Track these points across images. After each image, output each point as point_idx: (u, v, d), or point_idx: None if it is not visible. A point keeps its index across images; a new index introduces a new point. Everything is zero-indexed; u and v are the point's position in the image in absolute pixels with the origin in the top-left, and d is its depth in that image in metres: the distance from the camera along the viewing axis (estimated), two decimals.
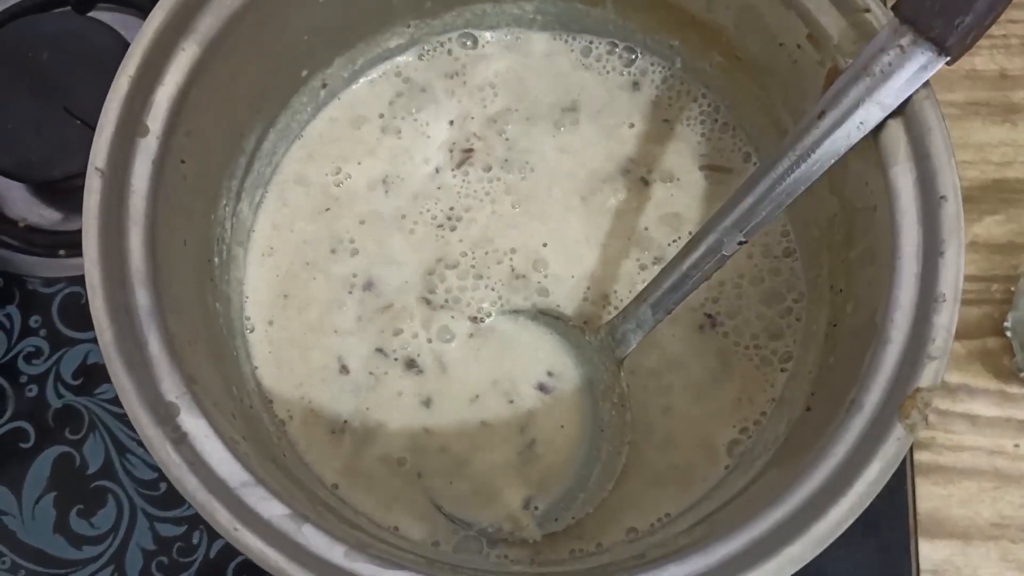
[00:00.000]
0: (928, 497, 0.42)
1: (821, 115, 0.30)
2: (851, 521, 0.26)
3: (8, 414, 0.43)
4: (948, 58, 0.29)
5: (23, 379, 0.44)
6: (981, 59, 0.48)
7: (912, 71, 0.29)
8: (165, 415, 0.27)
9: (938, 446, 0.43)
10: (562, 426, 0.37)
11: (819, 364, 0.34)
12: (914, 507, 0.42)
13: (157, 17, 0.30)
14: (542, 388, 0.37)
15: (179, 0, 0.31)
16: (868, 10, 0.31)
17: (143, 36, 0.30)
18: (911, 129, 0.30)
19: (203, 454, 0.27)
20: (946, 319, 0.28)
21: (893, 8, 0.29)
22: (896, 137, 0.30)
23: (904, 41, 0.29)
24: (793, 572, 0.26)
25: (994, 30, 0.49)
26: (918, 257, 0.29)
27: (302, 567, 0.26)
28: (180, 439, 0.27)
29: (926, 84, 0.31)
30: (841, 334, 0.33)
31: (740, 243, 0.32)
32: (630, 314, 0.35)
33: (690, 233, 0.38)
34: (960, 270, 0.28)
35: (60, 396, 0.44)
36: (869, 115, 0.30)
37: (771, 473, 0.31)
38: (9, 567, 0.42)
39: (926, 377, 0.28)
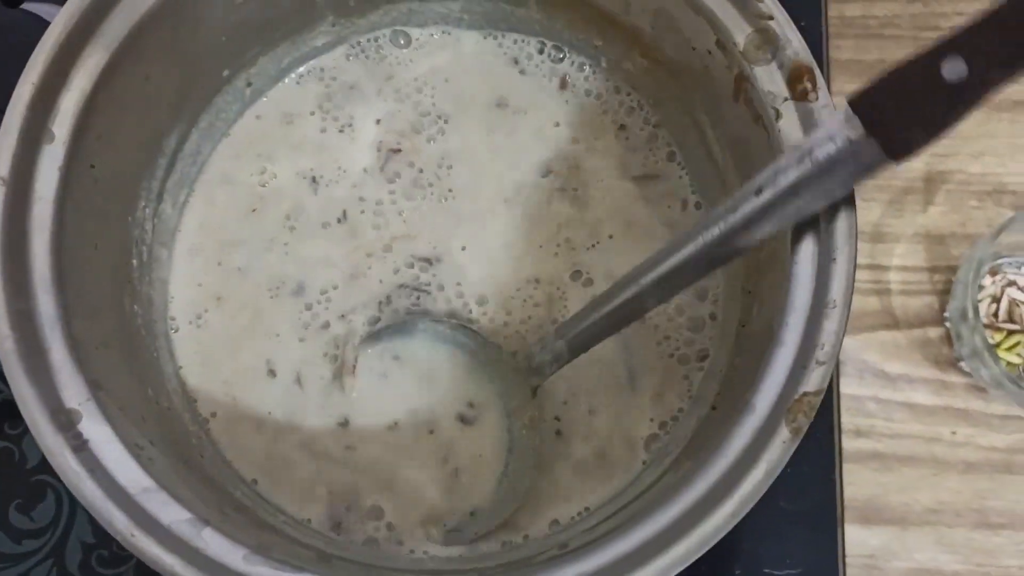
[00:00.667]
0: (867, 484, 0.43)
1: (759, 191, 0.28)
2: (736, 520, 0.27)
3: None
4: (895, 162, 0.27)
5: None
6: None
7: (857, 167, 0.27)
8: (66, 422, 0.28)
9: (877, 434, 0.44)
10: (481, 455, 0.37)
11: (728, 364, 0.35)
12: (842, 495, 0.43)
13: (60, 23, 0.30)
14: (463, 419, 0.37)
15: (84, 5, 0.31)
16: (772, 18, 0.31)
17: (45, 43, 0.30)
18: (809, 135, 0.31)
19: (104, 460, 0.27)
20: (835, 325, 0.29)
21: (850, 100, 0.27)
22: (796, 144, 0.31)
23: (854, 135, 0.26)
24: (679, 570, 0.27)
25: (941, 22, 0.50)
26: (813, 263, 0.30)
27: (199, 571, 0.26)
28: (81, 446, 0.27)
29: (825, 86, 0.31)
30: (748, 335, 0.34)
31: (659, 302, 0.32)
32: (547, 346, 0.35)
33: (610, 238, 0.38)
34: (851, 278, 0.29)
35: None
36: (809, 204, 0.28)
37: (673, 471, 0.32)
38: None
39: (813, 381, 0.28)
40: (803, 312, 0.29)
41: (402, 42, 0.42)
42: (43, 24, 0.45)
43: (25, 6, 0.47)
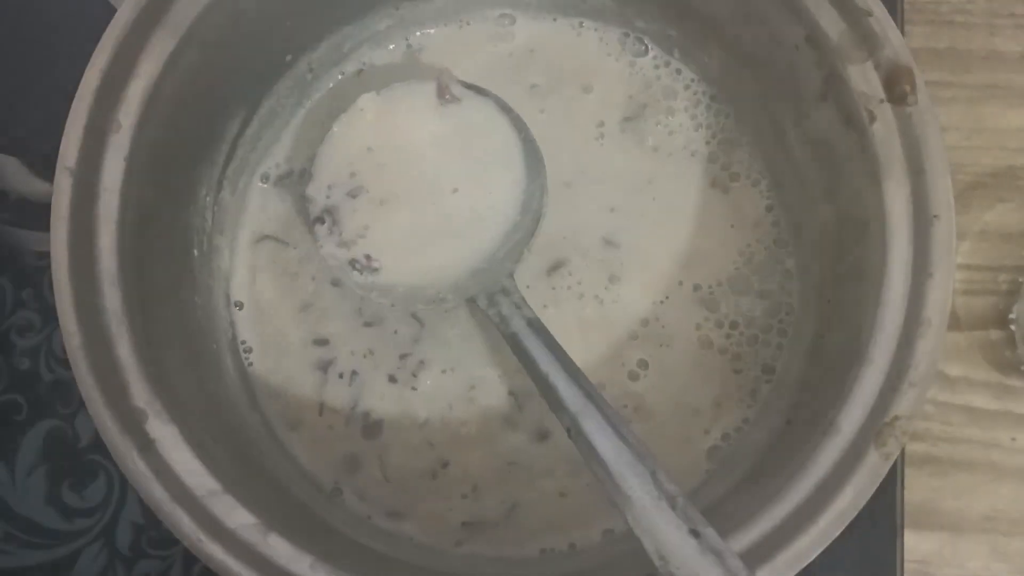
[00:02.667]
0: (921, 488, 0.42)
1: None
2: (815, 554, 0.26)
3: (1, 386, 0.44)
4: None
5: (16, 352, 0.44)
6: (1002, 40, 0.47)
7: None
8: (133, 422, 0.27)
9: (934, 437, 0.43)
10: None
11: (804, 375, 0.34)
12: (902, 500, 0.42)
13: (128, 8, 0.30)
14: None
15: None
16: (871, 14, 0.30)
17: (113, 29, 0.29)
18: (907, 141, 0.29)
19: (170, 461, 0.27)
20: (930, 345, 0.27)
21: None
22: (891, 149, 0.29)
23: None
24: None
25: (1017, 9, 0.48)
26: (906, 278, 0.28)
27: None
28: (147, 446, 0.27)
29: (925, 89, 0.29)
30: (826, 348, 0.32)
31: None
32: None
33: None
34: (949, 294, 0.27)
35: (52, 370, 0.44)
36: None
37: (748, 488, 0.31)
38: (2, 537, 0.42)
39: (905, 405, 0.27)
40: (895, 330, 0.28)
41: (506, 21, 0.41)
42: (109, 8, 0.45)
43: None
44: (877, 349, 0.28)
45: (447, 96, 0.36)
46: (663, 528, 0.26)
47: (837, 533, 0.26)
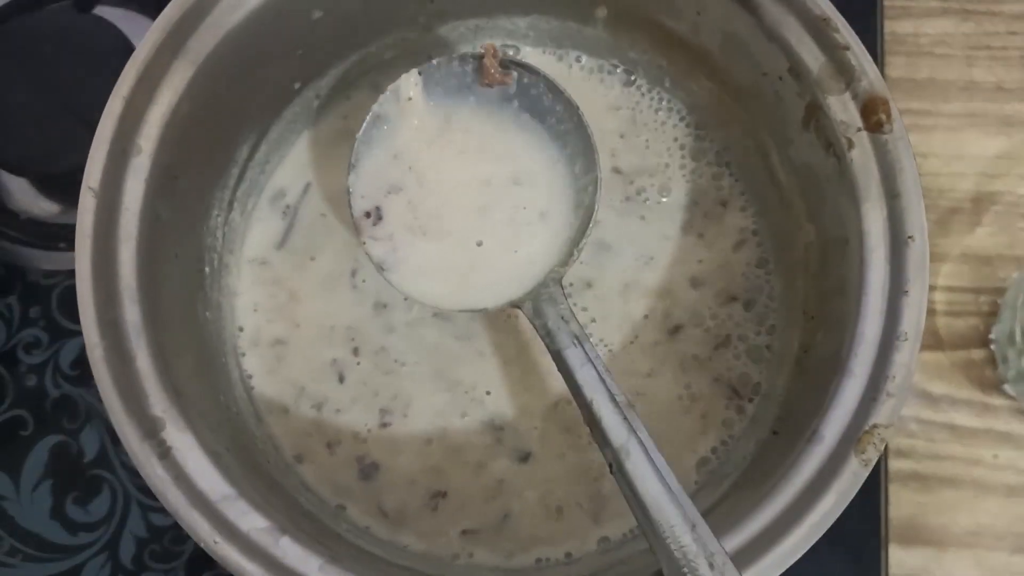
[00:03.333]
0: (906, 504, 0.43)
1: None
2: (804, 550, 0.27)
3: (7, 402, 0.44)
4: None
5: (22, 368, 0.45)
6: (979, 71, 0.48)
7: None
8: (151, 429, 0.28)
9: (918, 455, 0.44)
10: None
11: (788, 388, 0.35)
12: (886, 516, 0.43)
13: (152, 37, 0.31)
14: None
15: (174, 20, 0.32)
16: (848, 48, 0.32)
17: (137, 58, 0.31)
18: (883, 167, 0.31)
19: (187, 468, 0.28)
20: (906, 357, 0.29)
21: None
22: (868, 174, 0.31)
23: None
24: None
25: (993, 42, 0.50)
26: (883, 295, 0.30)
27: None
28: (165, 453, 0.28)
29: (899, 118, 0.31)
30: (811, 361, 0.34)
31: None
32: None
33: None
34: (923, 310, 0.29)
35: (58, 386, 0.45)
36: None
37: (736, 496, 0.32)
38: (8, 550, 0.43)
39: (883, 414, 0.29)
40: (873, 343, 0.29)
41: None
42: (113, 29, 0.46)
43: (96, 11, 0.48)
44: (857, 362, 0.29)
45: (494, 74, 0.33)
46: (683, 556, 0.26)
47: (820, 534, 0.28)
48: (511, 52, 0.42)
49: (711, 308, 0.39)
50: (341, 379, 0.38)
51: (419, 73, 0.34)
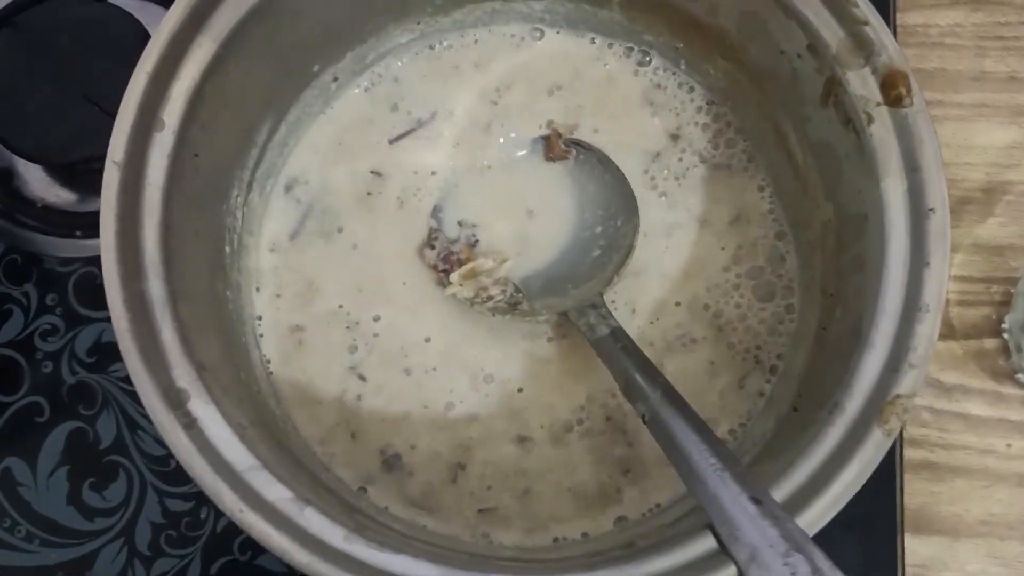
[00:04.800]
0: (918, 494, 0.43)
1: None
2: (827, 520, 0.27)
3: (24, 389, 0.45)
4: None
5: (39, 355, 0.45)
6: (990, 61, 0.48)
7: None
8: (176, 401, 0.29)
9: (931, 444, 0.44)
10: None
11: (807, 365, 0.35)
12: (902, 504, 0.43)
13: (175, 14, 0.31)
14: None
15: None
16: (867, 23, 0.32)
17: (161, 33, 0.31)
18: (903, 141, 0.31)
19: (212, 439, 0.28)
20: (928, 329, 0.29)
21: None
22: (888, 148, 0.31)
23: None
24: None
25: (1004, 32, 0.50)
26: (905, 267, 0.30)
27: (303, 548, 0.27)
28: (190, 424, 0.28)
29: (920, 92, 0.31)
30: (829, 337, 0.34)
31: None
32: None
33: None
34: (944, 281, 0.29)
35: (74, 373, 0.45)
36: None
37: (756, 470, 0.33)
38: (24, 536, 0.43)
39: (906, 384, 0.29)
40: (894, 315, 0.30)
41: (482, 41, 0.43)
42: (127, 17, 0.47)
43: None
44: (878, 334, 0.30)
45: (557, 151, 0.40)
46: (725, 497, 0.28)
47: (845, 503, 0.28)
48: (537, 36, 0.43)
49: (730, 290, 0.39)
50: (360, 365, 0.39)
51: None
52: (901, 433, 0.44)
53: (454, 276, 0.38)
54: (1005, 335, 0.44)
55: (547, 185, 0.40)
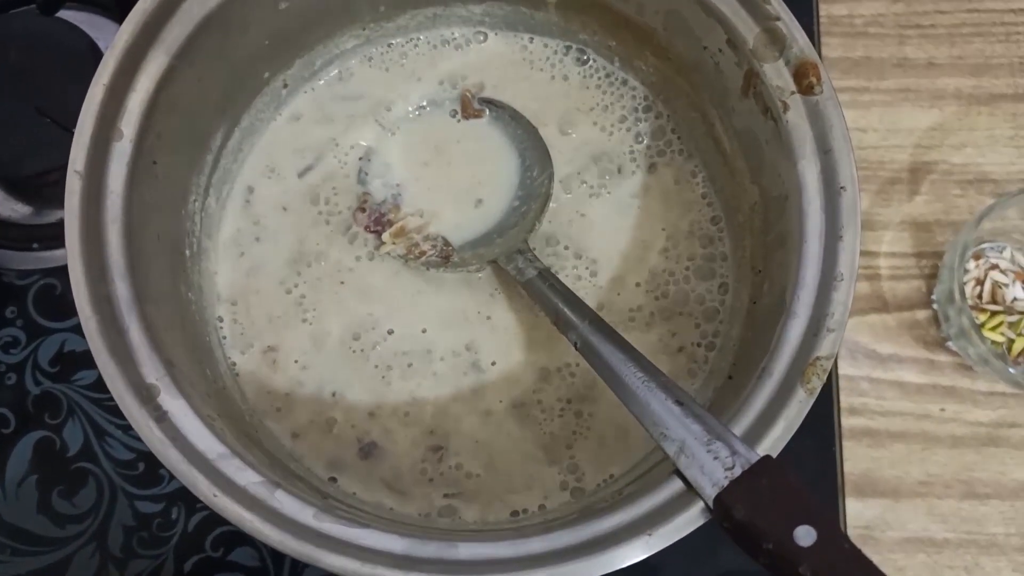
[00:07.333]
0: (861, 459, 0.45)
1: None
2: None
3: None
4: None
5: (2, 367, 0.45)
6: (911, 48, 0.51)
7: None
8: (147, 396, 0.30)
9: (870, 412, 0.46)
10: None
11: (741, 338, 0.38)
12: (842, 469, 0.45)
13: (128, 28, 0.33)
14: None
15: (148, 12, 0.33)
16: (779, 19, 0.34)
17: (115, 46, 0.32)
18: (815, 126, 0.34)
19: (183, 430, 0.30)
20: (843, 296, 0.31)
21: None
22: (802, 133, 0.34)
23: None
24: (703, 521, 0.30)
25: (922, 20, 0.52)
26: (820, 241, 0.32)
27: (276, 528, 0.29)
28: (161, 417, 0.30)
29: (829, 80, 0.34)
30: (759, 310, 0.36)
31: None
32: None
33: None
34: (856, 252, 0.32)
35: (38, 383, 0.45)
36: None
37: None
38: None
39: (825, 347, 0.31)
40: (813, 286, 0.32)
41: (425, 45, 0.44)
42: (77, 32, 0.47)
43: (60, 14, 0.49)
44: (799, 304, 0.32)
45: (471, 110, 0.42)
46: (653, 403, 0.31)
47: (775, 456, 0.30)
48: (481, 39, 0.45)
49: (670, 273, 0.41)
50: (319, 347, 0.40)
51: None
52: (839, 401, 0.46)
53: (386, 235, 0.41)
54: (935, 306, 0.47)
55: (465, 143, 0.43)
